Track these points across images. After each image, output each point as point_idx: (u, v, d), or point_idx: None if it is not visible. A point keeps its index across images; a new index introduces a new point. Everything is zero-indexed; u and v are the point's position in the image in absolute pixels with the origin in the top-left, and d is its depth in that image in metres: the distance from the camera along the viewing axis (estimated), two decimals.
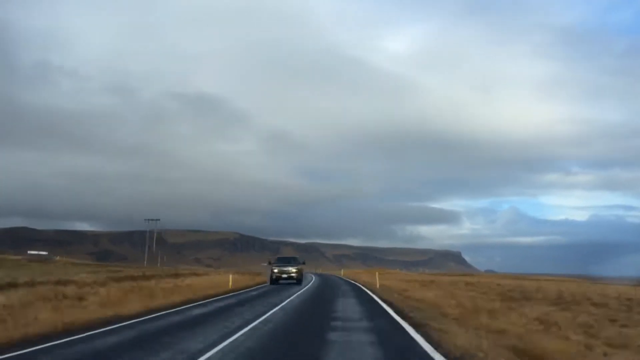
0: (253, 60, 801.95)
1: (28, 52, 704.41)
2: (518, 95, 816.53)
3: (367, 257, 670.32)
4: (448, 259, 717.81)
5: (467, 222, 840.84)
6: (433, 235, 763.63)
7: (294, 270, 36.51)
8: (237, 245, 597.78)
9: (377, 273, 43.88)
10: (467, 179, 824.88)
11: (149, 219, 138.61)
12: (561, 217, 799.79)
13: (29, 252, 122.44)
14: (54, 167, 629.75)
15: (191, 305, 19.87)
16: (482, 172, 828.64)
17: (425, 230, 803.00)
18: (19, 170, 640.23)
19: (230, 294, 26.51)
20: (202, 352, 9.66)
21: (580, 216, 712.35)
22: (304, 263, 41.09)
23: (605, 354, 9.82)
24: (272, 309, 17.81)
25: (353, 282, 47.35)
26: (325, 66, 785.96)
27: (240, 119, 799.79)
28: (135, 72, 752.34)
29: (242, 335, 11.83)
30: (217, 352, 9.72)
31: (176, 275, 43.82)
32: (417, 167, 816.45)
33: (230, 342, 10.80)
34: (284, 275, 36.06)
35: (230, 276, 34.39)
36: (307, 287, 34.21)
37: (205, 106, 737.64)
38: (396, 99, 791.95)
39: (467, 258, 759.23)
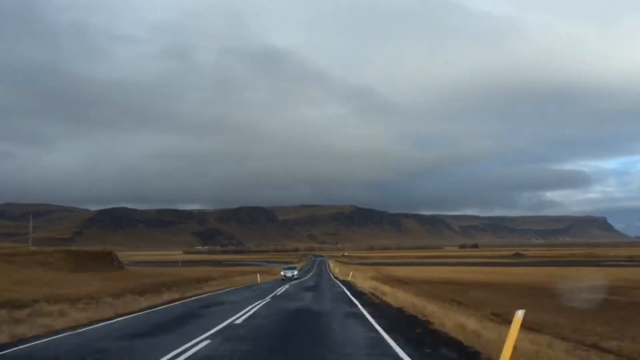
0: (327, 6, 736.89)
1: (97, 18, 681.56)
2: None
3: (498, 227, 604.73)
4: (590, 226, 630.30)
5: (597, 184, 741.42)
6: (564, 201, 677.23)
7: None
8: (354, 219, 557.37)
9: None
10: (592, 135, 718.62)
11: None
12: None
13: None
14: (142, 147, 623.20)
15: None
16: (611, 127, 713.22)
17: (553, 195, 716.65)
18: (106, 152, 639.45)
19: None
20: None
21: None
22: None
23: None
24: None
25: None
26: (414, 10, 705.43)
27: (318, 77, 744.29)
28: (193, 29, 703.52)
29: None
30: None
31: None
32: (531, 125, 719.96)
33: None
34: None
35: None
36: None
37: (276, 64, 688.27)
38: (499, 44, 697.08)
39: (613, 224, 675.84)
